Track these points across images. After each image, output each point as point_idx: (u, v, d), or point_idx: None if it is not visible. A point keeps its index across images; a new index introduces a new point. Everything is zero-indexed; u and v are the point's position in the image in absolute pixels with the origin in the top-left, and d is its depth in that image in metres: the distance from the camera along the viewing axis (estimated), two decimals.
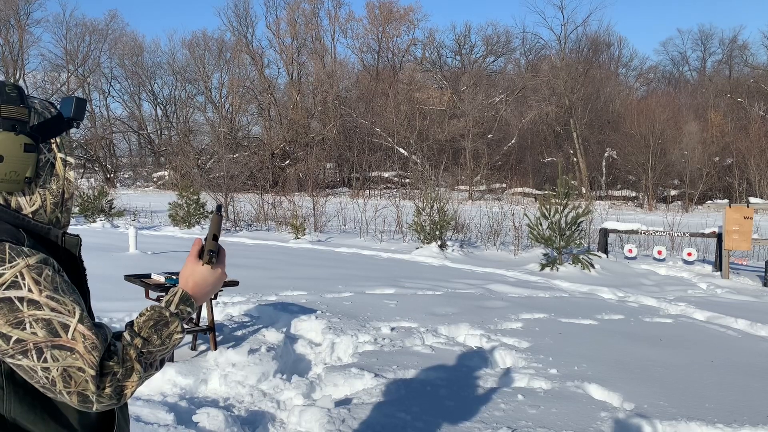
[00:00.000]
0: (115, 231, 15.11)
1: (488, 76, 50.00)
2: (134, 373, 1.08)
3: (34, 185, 1.20)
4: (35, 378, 1.04)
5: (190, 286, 1.25)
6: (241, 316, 5.74)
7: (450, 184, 33.70)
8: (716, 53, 52.42)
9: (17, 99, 1.17)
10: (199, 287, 1.26)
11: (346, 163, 42.74)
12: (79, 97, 1.27)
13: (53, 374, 1.03)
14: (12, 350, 1.03)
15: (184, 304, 1.21)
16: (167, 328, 1.16)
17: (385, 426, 3.38)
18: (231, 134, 44.49)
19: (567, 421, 3.50)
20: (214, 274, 1.27)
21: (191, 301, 1.22)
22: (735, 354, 5.16)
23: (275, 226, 16.43)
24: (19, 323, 1.03)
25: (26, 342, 1.02)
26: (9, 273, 1.04)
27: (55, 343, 1.03)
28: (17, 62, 45.38)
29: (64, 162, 1.25)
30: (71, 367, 1.03)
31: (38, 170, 1.20)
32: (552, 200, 10.55)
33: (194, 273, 1.26)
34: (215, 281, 1.29)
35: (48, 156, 1.22)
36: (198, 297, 1.25)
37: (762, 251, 12.67)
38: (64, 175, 1.25)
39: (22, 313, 1.03)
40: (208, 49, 49.41)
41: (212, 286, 1.28)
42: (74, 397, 1.04)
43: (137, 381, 1.09)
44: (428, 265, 10.69)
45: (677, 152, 35.18)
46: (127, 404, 1.31)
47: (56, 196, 1.24)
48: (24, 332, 1.03)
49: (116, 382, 1.06)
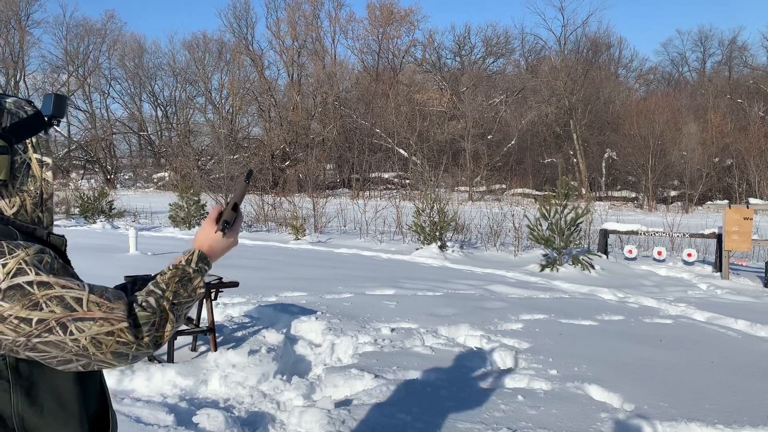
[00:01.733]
0: (116, 232, 15.11)
1: (488, 77, 50.01)
2: (168, 322, 1.17)
3: (12, 187, 1.19)
4: (66, 348, 1.08)
5: (206, 248, 1.33)
6: (241, 317, 5.74)
7: (450, 185, 33.71)
8: (716, 54, 52.54)
9: None
10: (213, 250, 1.34)
11: (346, 164, 42.75)
12: (58, 93, 1.26)
13: (83, 342, 1.08)
14: (37, 330, 1.06)
15: (202, 262, 1.29)
16: (191, 283, 1.24)
17: (385, 426, 3.38)
18: (231, 135, 44.50)
19: (567, 422, 3.50)
20: (226, 241, 1.36)
21: (207, 260, 1.31)
22: (735, 355, 5.16)
23: (275, 227, 16.43)
24: (35, 305, 1.06)
25: (47, 320, 1.06)
26: (12, 262, 1.06)
27: (74, 316, 1.07)
28: (17, 63, 45.38)
29: (41, 162, 1.24)
30: (99, 334, 1.09)
31: (14, 172, 1.19)
32: (552, 201, 10.55)
33: (209, 237, 1.34)
34: (226, 247, 1.37)
35: (24, 157, 1.21)
36: (212, 257, 1.33)
37: (762, 252, 12.67)
38: (41, 176, 1.24)
39: (35, 295, 1.06)
40: (209, 51, 49.52)
41: (222, 251, 1.37)
42: (109, 356, 1.11)
43: (170, 329, 1.18)
44: (428, 265, 10.69)
45: (677, 153, 35.19)
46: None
47: (35, 197, 1.23)
48: (42, 312, 1.06)
49: (153, 331, 1.14)
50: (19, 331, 1.05)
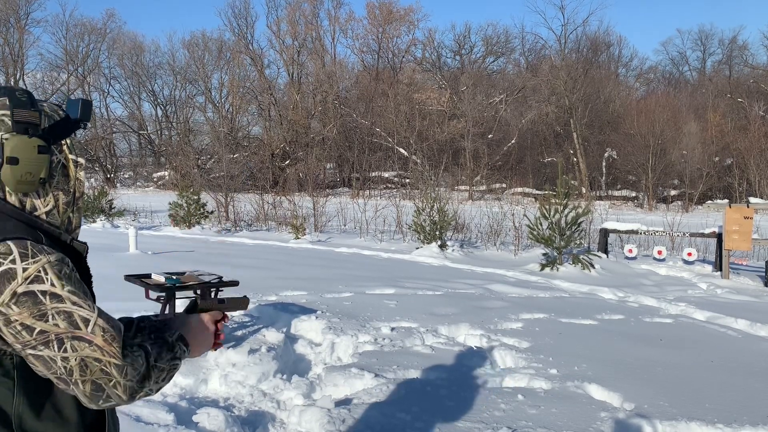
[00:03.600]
0: (115, 231, 15.11)
1: (488, 76, 50.00)
2: (146, 379, 1.18)
3: (48, 186, 1.25)
4: (53, 368, 1.10)
5: (186, 332, 1.36)
6: (241, 316, 5.73)
7: (450, 184, 33.72)
8: (716, 53, 52.53)
9: (28, 103, 1.22)
10: (190, 335, 1.36)
11: (346, 163, 42.73)
12: (85, 99, 1.31)
13: (71, 363, 1.09)
14: (35, 341, 1.08)
15: (182, 342, 1.31)
16: (171, 352, 1.26)
17: (385, 426, 3.38)
18: (231, 134, 44.49)
19: (567, 421, 3.50)
20: (201, 330, 1.40)
21: (186, 341, 1.32)
22: (735, 354, 5.16)
23: (275, 226, 16.43)
24: (42, 315, 1.08)
25: (48, 333, 1.08)
26: (32, 268, 1.09)
27: (75, 334, 1.10)
28: (17, 62, 45.36)
29: (75, 162, 1.31)
30: (88, 357, 1.10)
31: (52, 171, 1.25)
32: (552, 200, 10.55)
33: (190, 326, 1.40)
34: (201, 337, 1.40)
35: (59, 157, 1.28)
36: (190, 341, 1.35)
37: (762, 251, 12.66)
38: (75, 175, 1.30)
39: (45, 306, 1.08)
40: (208, 50, 49.47)
41: (197, 340, 1.38)
42: (87, 386, 1.10)
43: (146, 389, 1.18)
44: (428, 265, 10.69)
45: (677, 152, 35.18)
46: (116, 413, 1.37)
47: (69, 196, 1.29)
48: (47, 324, 1.08)
49: (135, 381, 1.15)
50: (18, 338, 1.08)
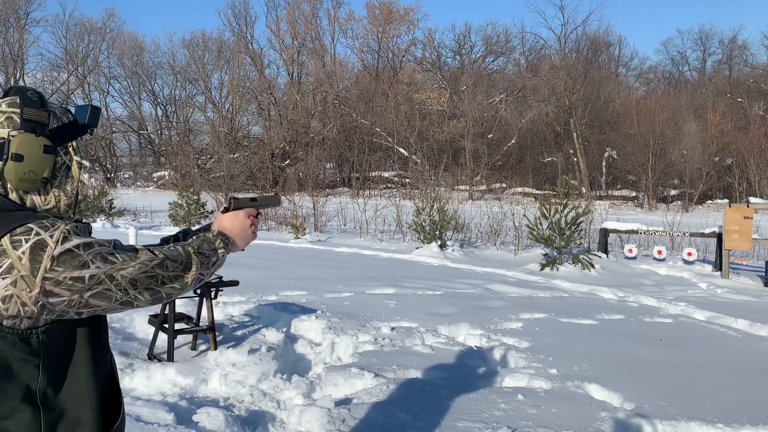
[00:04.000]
0: (116, 231, 15.10)
1: (488, 76, 49.96)
2: (193, 264, 1.34)
3: (50, 186, 1.30)
4: (113, 297, 1.22)
5: (221, 228, 1.54)
6: (241, 315, 5.74)
7: (450, 184, 33.72)
8: (716, 53, 52.47)
9: (38, 103, 1.27)
10: (227, 230, 1.53)
11: (346, 162, 42.72)
12: (94, 105, 1.36)
13: (124, 285, 1.23)
14: (89, 284, 1.19)
15: (222, 237, 1.48)
16: (213, 244, 1.43)
17: (385, 426, 3.38)
18: (231, 134, 44.49)
19: (567, 421, 3.50)
20: (237, 222, 1.55)
21: (226, 234, 1.51)
22: (735, 354, 5.16)
23: (275, 225, 16.42)
24: (84, 264, 1.19)
25: (98, 275, 1.20)
26: (57, 233, 1.19)
27: (114, 267, 1.22)
28: (17, 62, 45.33)
29: (80, 165, 1.35)
30: (132, 274, 1.24)
31: (55, 171, 1.30)
32: (552, 200, 10.55)
33: (224, 220, 1.55)
34: (239, 228, 1.55)
35: (64, 158, 1.32)
36: (230, 235, 1.52)
37: (762, 251, 12.67)
38: (78, 177, 1.35)
39: (82, 256, 1.19)
40: (208, 50, 49.46)
41: (235, 232, 1.54)
42: (146, 294, 1.26)
43: (195, 272, 1.34)
44: (428, 264, 10.69)
45: (677, 152, 35.17)
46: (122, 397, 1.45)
47: (70, 198, 1.34)
48: (91, 269, 1.19)
49: (180, 270, 1.31)
50: (74, 289, 1.18)
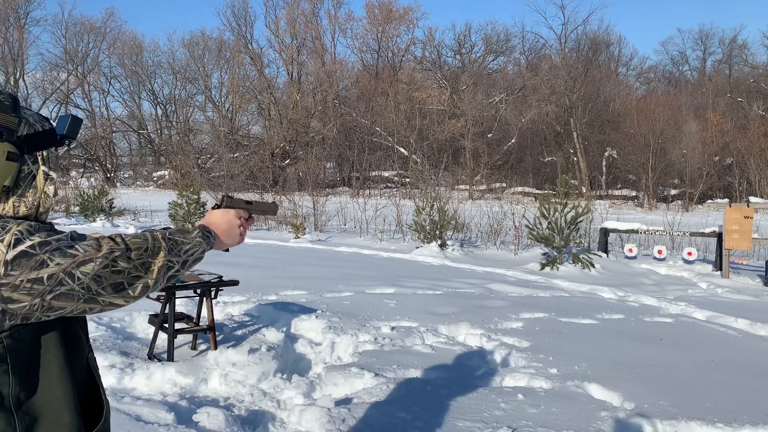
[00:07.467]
0: (116, 230, 15.11)
1: (488, 75, 49.96)
2: (161, 250, 1.22)
3: (11, 194, 1.21)
4: (76, 295, 1.12)
5: (206, 223, 1.46)
6: (241, 315, 5.74)
7: (450, 183, 33.70)
8: (716, 53, 52.42)
9: (9, 108, 1.20)
10: (213, 225, 1.45)
11: (346, 162, 42.73)
12: (75, 116, 1.29)
13: (86, 282, 1.12)
14: (50, 286, 1.10)
15: (200, 228, 1.38)
16: (189, 234, 1.31)
17: (385, 425, 3.38)
18: (231, 134, 44.48)
19: (567, 421, 3.50)
20: (225, 219, 1.47)
21: (207, 227, 1.41)
22: (735, 353, 5.16)
23: (275, 225, 16.42)
24: (41, 263, 1.09)
25: (56, 274, 1.10)
26: (8, 236, 1.10)
27: (77, 261, 1.11)
28: (17, 62, 45.31)
29: (46, 176, 1.26)
30: (94, 269, 1.13)
31: (18, 181, 1.21)
32: (552, 199, 10.55)
33: (212, 215, 1.48)
34: (225, 226, 1.46)
35: (31, 168, 1.24)
36: (215, 229, 1.44)
37: (762, 251, 12.66)
38: (42, 188, 1.26)
39: (39, 255, 1.09)
40: (208, 49, 49.48)
41: (221, 228, 1.45)
42: (109, 290, 1.14)
43: (163, 258, 1.22)
44: (428, 264, 10.69)
45: (677, 152, 35.17)
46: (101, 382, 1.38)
47: (30, 209, 1.24)
48: (50, 268, 1.09)
49: (146, 256, 1.19)
50: (33, 293, 1.08)
